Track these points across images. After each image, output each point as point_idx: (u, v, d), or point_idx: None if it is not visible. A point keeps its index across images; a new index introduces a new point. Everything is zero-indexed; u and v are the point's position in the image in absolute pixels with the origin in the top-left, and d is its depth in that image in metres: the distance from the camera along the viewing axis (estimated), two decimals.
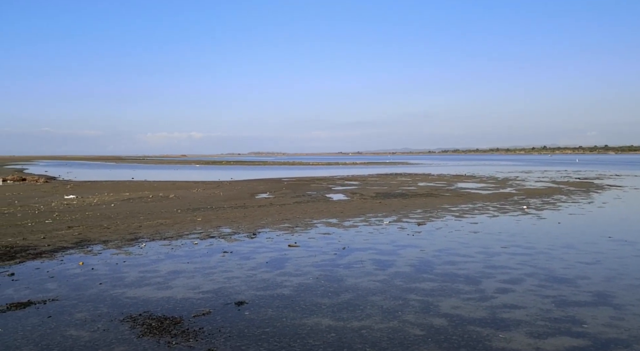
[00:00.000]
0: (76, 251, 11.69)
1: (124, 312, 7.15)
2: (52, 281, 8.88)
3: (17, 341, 6.01)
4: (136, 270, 9.81)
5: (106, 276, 9.33)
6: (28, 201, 23.90)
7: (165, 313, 7.13)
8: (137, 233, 14.26)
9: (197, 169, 76.53)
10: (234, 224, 16.05)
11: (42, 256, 10.98)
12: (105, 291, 8.30)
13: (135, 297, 7.94)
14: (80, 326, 6.55)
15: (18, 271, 9.62)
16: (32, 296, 7.90)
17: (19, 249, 11.73)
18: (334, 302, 7.65)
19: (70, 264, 10.31)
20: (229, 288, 8.47)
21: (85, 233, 14.14)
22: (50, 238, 13.33)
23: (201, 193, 29.63)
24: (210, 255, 11.28)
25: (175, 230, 14.88)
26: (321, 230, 14.82)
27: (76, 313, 7.12)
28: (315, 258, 10.87)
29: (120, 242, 12.84)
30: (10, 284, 8.67)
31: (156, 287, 8.57)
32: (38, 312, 7.14)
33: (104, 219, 17.18)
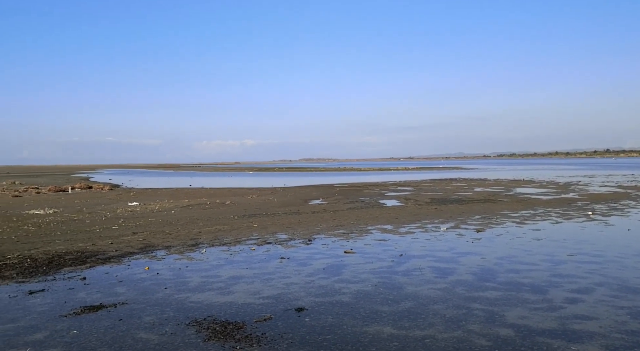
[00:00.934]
0: (141, 256, 12.16)
1: (189, 316, 7.36)
2: (120, 285, 9.28)
3: (92, 343, 6.31)
4: (198, 275, 10.08)
5: (171, 280, 9.64)
6: (95, 208, 25.13)
7: (228, 317, 7.28)
8: (197, 239, 14.67)
9: (251, 176, 78.00)
10: (289, 231, 16.21)
11: (111, 261, 11.50)
12: (170, 295, 8.58)
13: (199, 302, 8.16)
14: (149, 330, 6.80)
15: (89, 275, 10.11)
16: (103, 300, 8.27)
17: (89, 254, 12.33)
18: (394, 310, 7.56)
19: (136, 269, 10.74)
20: (288, 294, 8.54)
21: (149, 239, 14.69)
22: (117, 243, 13.94)
23: (256, 199, 30.15)
24: (267, 261, 11.44)
25: (233, 236, 15.20)
26: (376, 236, 14.72)
27: (145, 316, 7.40)
28: (373, 265, 10.80)
29: (182, 248, 13.25)
30: (83, 288, 9.12)
31: (218, 292, 8.77)
32: (109, 315, 7.47)
33: (166, 226, 17.79)
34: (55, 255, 12.13)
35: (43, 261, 11.46)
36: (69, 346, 6.21)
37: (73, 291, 8.83)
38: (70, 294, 8.66)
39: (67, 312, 7.60)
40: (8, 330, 6.81)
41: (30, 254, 12.23)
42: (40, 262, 11.34)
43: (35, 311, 7.66)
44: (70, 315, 7.44)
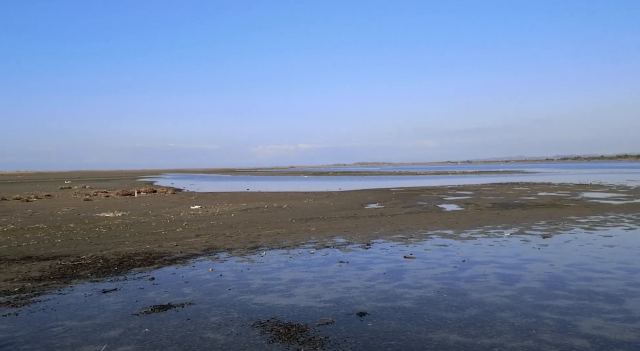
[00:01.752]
0: (205, 258, 12.52)
1: (253, 318, 7.50)
2: (187, 286, 9.59)
3: (162, 341, 6.54)
4: (260, 277, 10.25)
5: (234, 282, 9.86)
6: (160, 211, 26.15)
7: (291, 320, 7.35)
8: (257, 242, 14.94)
9: (306, 180, 78.66)
10: (347, 234, 16.20)
11: (177, 262, 11.91)
12: (234, 296, 8.77)
13: (261, 303, 8.29)
14: (215, 330, 6.97)
15: (157, 275, 10.51)
16: (171, 300, 8.57)
17: (156, 255, 12.84)
18: (459, 317, 7.37)
19: (201, 270, 11.06)
20: (349, 298, 8.52)
21: (211, 241, 15.11)
22: (182, 245, 14.43)
23: (312, 203, 30.35)
24: (327, 265, 11.47)
25: (292, 239, 15.36)
26: (437, 242, 14.43)
27: (211, 316, 7.60)
28: (434, 271, 10.59)
29: (242, 250, 13.53)
30: (152, 287, 9.50)
31: (280, 294, 8.88)
32: (178, 314, 7.73)
33: (227, 228, 18.24)
34: (125, 256, 12.70)
35: (114, 261, 12.04)
36: (141, 343, 6.47)
37: (143, 291, 9.21)
38: (140, 293, 9.04)
39: (139, 311, 7.93)
40: (85, 327, 7.19)
41: (102, 255, 12.88)
42: (111, 262, 11.91)
43: (109, 309, 8.05)
44: (141, 314, 7.77)
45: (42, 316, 7.70)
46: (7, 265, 11.76)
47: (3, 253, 13.59)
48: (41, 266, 11.54)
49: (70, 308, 8.17)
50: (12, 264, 11.91)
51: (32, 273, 10.89)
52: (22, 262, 12.16)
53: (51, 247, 14.47)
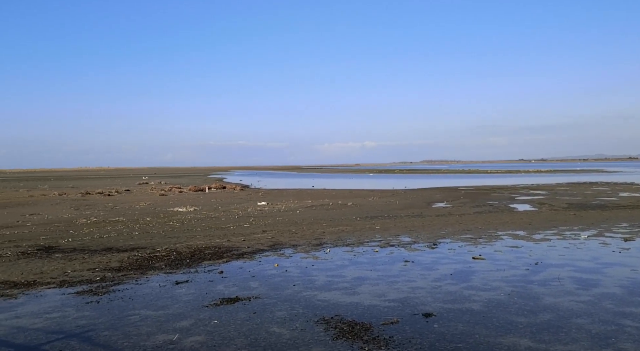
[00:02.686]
0: (271, 253, 12.78)
1: (317, 314, 7.56)
2: (253, 280, 9.83)
3: (230, 333, 6.75)
4: (324, 274, 10.32)
5: (298, 278, 10.00)
6: (229, 207, 26.99)
7: (355, 318, 7.34)
8: (322, 239, 15.05)
9: (371, 178, 78.29)
10: (412, 233, 15.96)
11: (244, 257, 12.24)
12: (299, 292, 8.89)
13: (325, 300, 8.34)
14: (281, 324, 7.10)
15: (226, 269, 10.86)
16: (239, 293, 8.82)
17: (225, 249, 13.26)
18: (531, 321, 7.05)
19: (267, 265, 11.30)
20: (414, 299, 8.39)
21: (277, 237, 15.40)
22: (249, 240, 14.81)
23: (377, 201, 30.16)
24: (391, 263, 11.35)
25: (356, 237, 15.34)
26: (508, 243, 13.89)
27: (276, 311, 7.75)
28: (505, 273, 10.20)
29: (307, 247, 13.68)
30: (221, 281, 9.82)
31: (344, 292, 8.90)
32: (245, 308, 7.94)
33: (292, 225, 18.52)
34: (196, 249, 13.22)
35: (186, 254, 12.56)
36: (211, 334, 6.71)
37: (213, 284, 9.54)
38: (210, 286, 9.37)
39: (208, 303, 8.22)
40: (160, 316, 7.55)
41: (175, 248, 13.47)
42: (184, 255, 12.44)
43: (181, 300, 8.41)
44: (211, 306, 8.05)
45: (121, 305, 8.17)
46: (90, 255, 12.58)
47: (87, 244, 14.55)
48: (120, 257, 12.25)
49: (145, 297, 8.61)
50: (94, 254, 12.73)
51: (112, 263, 11.59)
52: (104, 253, 12.96)
53: (129, 239, 15.32)
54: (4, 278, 10.14)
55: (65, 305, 8.18)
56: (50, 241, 15.15)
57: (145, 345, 6.34)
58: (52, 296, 8.75)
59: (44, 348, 6.25)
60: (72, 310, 7.89)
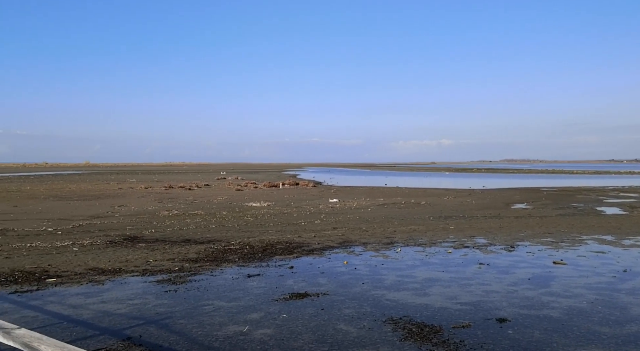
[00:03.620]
0: (341, 250, 12.82)
1: (386, 314, 7.47)
2: (322, 277, 9.90)
3: (298, 328, 6.84)
4: (394, 274, 10.19)
5: (367, 276, 9.94)
6: (301, 203, 27.39)
7: (424, 319, 7.18)
8: (393, 238, 14.87)
9: (447, 177, 76.32)
10: (489, 235, 15.37)
11: (314, 253, 12.36)
12: (367, 291, 8.84)
13: (394, 300, 8.23)
14: (348, 322, 7.09)
15: (296, 264, 11.02)
16: (308, 289, 8.92)
17: (295, 245, 13.47)
18: (616, 333, 6.55)
19: (336, 262, 11.34)
20: (488, 303, 8.07)
21: (347, 235, 15.42)
22: (320, 237, 14.94)
23: (452, 200, 29.36)
24: (465, 265, 11.00)
25: (428, 237, 15.02)
26: (592, 248, 13.01)
27: (344, 308, 7.75)
28: (588, 280, 9.55)
29: (377, 245, 13.58)
30: (291, 276, 9.98)
31: (414, 292, 8.73)
32: (313, 304, 8.01)
33: (363, 223, 18.46)
34: (268, 244, 13.53)
35: (259, 248, 12.89)
36: (279, 328, 6.83)
37: (283, 278, 9.72)
38: (280, 280, 9.55)
39: (278, 297, 8.39)
40: (232, 308, 7.81)
41: (248, 242, 13.87)
42: (256, 249, 12.77)
43: (252, 293, 8.64)
44: (280, 300, 8.20)
45: (196, 295, 8.53)
46: (170, 246, 13.25)
47: (168, 235, 15.35)
48: (197, 249, 12.80)
49: (219, 289, 8.93)
50: (174, 245, 13.39)
51: (189, 254, 12.13)
52: (182, 244, 13.60)
53: (206, 232, 15.97)
54: (94, 264, 10.92)
55: (146, 293, 8.67)
56: (135, 231, 16.13)
57: (218, 334, 6.57)
58: (134, 284, 9.31)
59: (125, 333, 6.65)
60: (152, 298, 8.34)
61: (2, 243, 13.43)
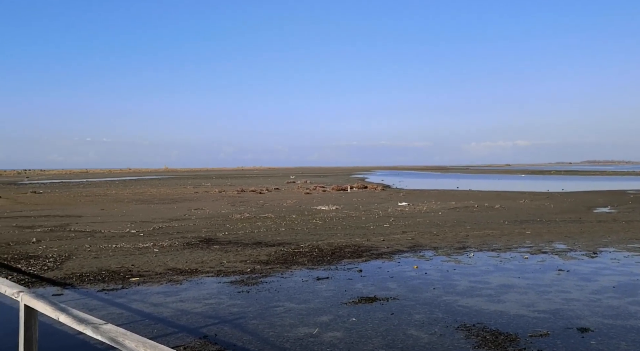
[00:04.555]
0: (410, 254, 12.64)
1: (458, 320, 7.29)
2: (392, 281, 9.81)
3: (368, 332, 6.83)
4: (466, 279, 9.92)
5: (438, 282, 9.74)
6: (369, 207, 27.30)
7: (499, 327, 6.94)
8: (465, 242, 14.47)
9: (523, 179, 73.13)
10: (568, 240, 14.58)
11: (383, 257, 12.28)
12: (438, 296, 8.66)
13: (467, 306, 8.01)
14: (419, 327, 6.99)
15: (364, 268, 11.00)
16: (377, 293, 8.88)
17: (364, 249, 13.44)
18: None
19: (406, 266, 11.20)
20: (568, 311, 7.66)
21: (417, 239, 15.18)
22: (388, 240, 14.82)
23: (528, 204, 28.11)
24: (543, 272, 10.51)
25: (503, 242, 14.47)
26: None
27: (414, 314, 7.64)
28: None
29: (449, 250, 13.26)
30: (360, 279, 9.98)
31: (487, 299, 8.45)
32: (382, 308, 7.97)
33: (433, 227, 18.10)
34: (337, 247, 13.61)
35: (327, 251, 12.99)
36: (349, 331, 6.85)
37: (351, 282, 9.74)
38: (349, 284, 9.58)
39: (347, 300, 8.41)
40: (302, 310, 7.93)
41: (317, 245, 14.02)
42: (325, 252, 12.88)
43: (321, 296, 8.72)
44: (349, 303, 8.23)
45: (267, 296, 8.74)
46: (242, 248, 13.66)
47: (240, 237, 15.83)
48: (268, 251, 13.10)
49: (289, 291, 9.10)
50: (246, 247, 13.79)
51: (261, 256, 12.45)
52: (254, 246, 13.98)
53: (277, 235, 16.31)
54: (172, 265, 11.49)
55: (221, 293, 9.00)
56: (210, 233, 16.78)
57: (288, 335, 6.70)
58: (210, 284, 9.69)
59: (201, 331, 6.94)
60: (226, 298, 8.65)
61: (91, 244, 14.45)
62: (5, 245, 14.31)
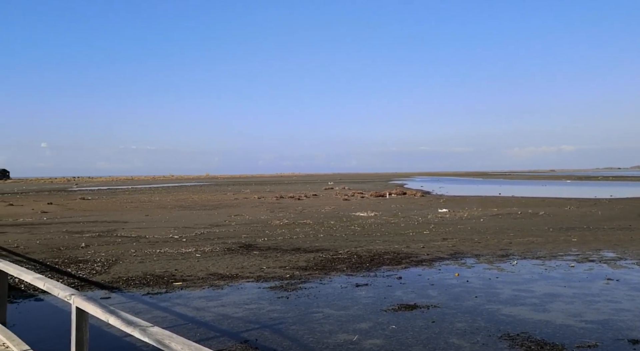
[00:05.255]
0: (451, 262, 12.44)
1: (501, 329, 7.12)
2: (432, 289, 9.69)
3: (408, 340, 6.76)
4: (509, 288, 9.69)
5: (480, 290, 9.55)
6: (408, 213, 27.03)
7: (544, 337, 6.74)
8: (508, 250, 14.13)
9: (568, 185, 70.77)
10: (617, 248, 14.03)
11: (423, 264, 12.14)
12: (480, 305, 8.49)
13: (510, 315, 7.82)
14: (460, 336, 6.87)
15: (404, 275, 10.90)
16: (417, 300, 8.78)
17: (403, 255, 13.32)
18: None
19: (447, 274, 11.04)
20: (618, 322, 7.37)
21: (458, 246, 14.93)
22: (428, 247, 14.63)
23: (574, 211, 27.18)
24: (590, 281, 10.15)
25: (548, 250, 14.06)
26: None
27: (456, 322, 7.52)
28: None
29: (491, 257, 12.98)
30: (399, 286, 9.89)
31: (532, 308, 8.23)
32: (423, 316, 7.87)
33: (475, 234, 17.75)
34: (375, 254, 13.54)
35: (366, 258, 12.95)
36: (389, 339, 6.81)
37: (391, 289, 9.67)
38: (388, 291, 9.51)
39: (387, 307, 8.36)
40: (341, 316, 7.93)
41: (356, 251, 13.99)
42: (364, 259, 12.84)
43: (360, 303, 8.70)
44: (389, 310, 8.17)
45: (306, 302, 8.78)
46: (281, 254, 13.79)
47: (279, 243, 15.98)
48: (307, 257, 13.17)
49: (328, 297, 9.12)
50: (285, 253, 13.91)
51: (299, 262, 12.52)
52: (293, 252, 14.08)
53: (315, 241, 16.37)
54: (213, 270, 11.71)
55: (261, 298, 9.11)
56: (249, 239, 17.00)
57: (328, 342, 6.72)
58: (250, 289, 9.82)
59: (242, 336, 7.05)
60: (266, 303, 8.75)
61: (136, 249, 14.90)
62: (56, 250, 14.93)
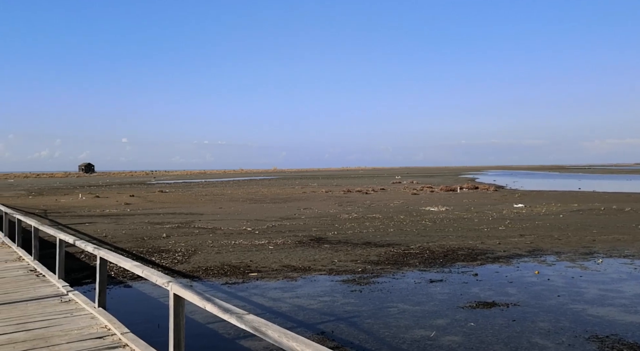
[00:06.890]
0: (530, 259, 11.95)
1: (588, 330, 6.77)
2: (511, 286, 9.35)
3: (488, 338, 6.58)
4: (595, 287, 9.17)
5: (563, 289, 9.11)
6: (481, 208, 26.21)
7: (637, 340, 6.33)
8: (591, 247, 13.37)
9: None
10: None
11: (499, 261, 11.74)
12: (564, 304, 8.11)
13: (598, 316, 7.41)
14: (544, 336, 6.60)
15: (480, 272, 10.60)
16: (495, 298, 8.51)
17: (478, 252, 12.95)
18: None
19: (525, 271, 10.62)
20: None
21: (536, 242, 14.30)
22: (505, 244, 14.13)
23: None
24: None
25: (637, 248, 13.16)
26: None
27: (538, 321, 7.22)
28: None
29: (573, 255, 12.35)
30: (475, 283, 9.64)
31: (622, 309, 7.76)
32: (502, 314, 7.63)
33: (554, 230, 16.93)
34: (449, 249, 13.25)
35: (439, 253, 12.71)
36: (467, 336, 6.66)
37: (467, 285, 9.44)
38: (464, 287, 9.29)
39: (463, 304, 8.17)
40: (416, 312, 7.85)
41: (428, 246, 13.76)
42: (437, 254, 12.61)
43: (436, 299, 8.56)
44: (466, 307, 7.98)
45: (380, 296, 8.77)
46: (352, 248, 13.83)
47: (349, 237, 16.03)
48: (378, 252, 13.12)
49: (402, 292, 9.05)
50: (355, 247, 13.94)
51: (370, 257, 12.50)
52: (363, 246, 14.08)
53: (385, 235, 16.27)
54: (287, 262, 11.95)
55: (334, 291, 9.19)
56: (319, 232, 17.19)
57: (405, 337, 6.68)
58: (323, 282, 9.94)
59: (319, 327, 7.16)
60: (340, 296, 8.82)
61: (213, 240, 15.50)
62: (140, 239, 15.84)
